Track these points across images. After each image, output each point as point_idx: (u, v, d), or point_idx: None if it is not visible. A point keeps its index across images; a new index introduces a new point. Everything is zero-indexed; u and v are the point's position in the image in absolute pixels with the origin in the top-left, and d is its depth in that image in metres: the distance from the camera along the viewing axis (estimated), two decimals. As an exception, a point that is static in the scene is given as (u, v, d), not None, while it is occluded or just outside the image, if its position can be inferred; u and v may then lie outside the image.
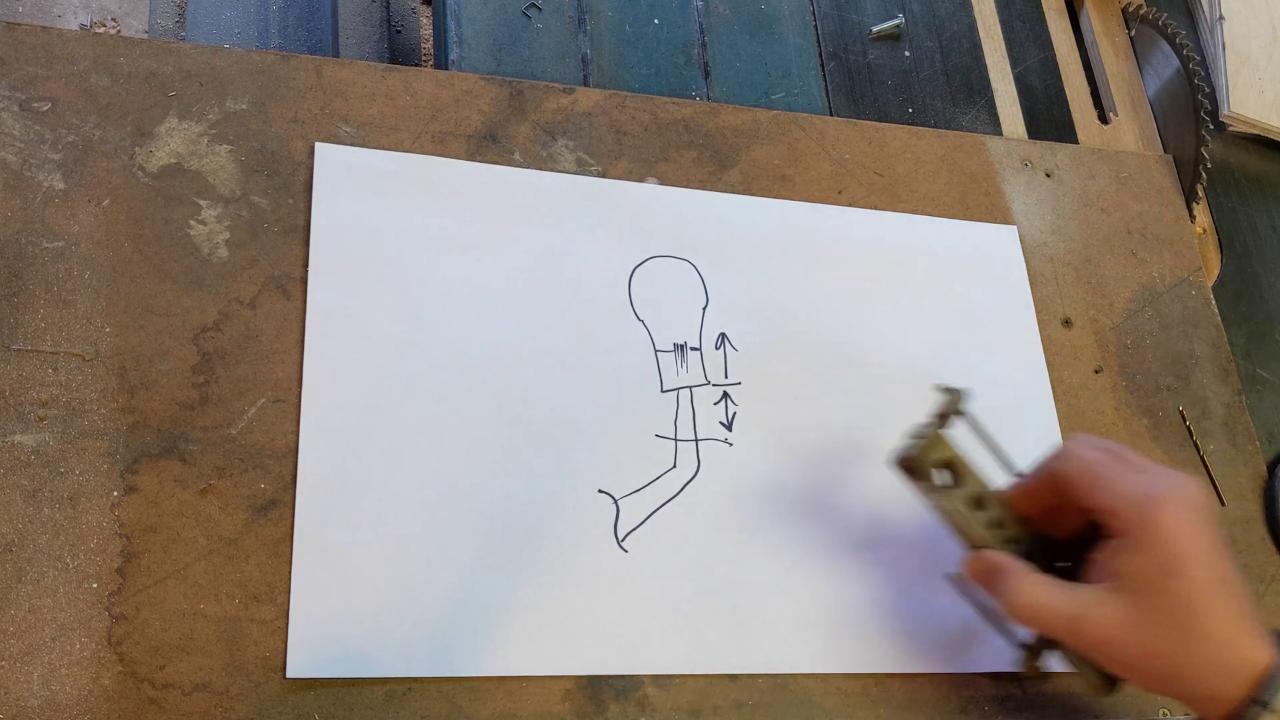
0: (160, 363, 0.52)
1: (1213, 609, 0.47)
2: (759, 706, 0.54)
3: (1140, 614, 0.48)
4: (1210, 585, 0.48)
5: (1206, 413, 0.69)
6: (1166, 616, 0.47)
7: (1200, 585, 0.47)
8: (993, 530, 0.53)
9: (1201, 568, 0.48)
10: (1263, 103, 0.80)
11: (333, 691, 0.49)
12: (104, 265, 0.53)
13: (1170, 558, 0.48)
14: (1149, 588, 0.48)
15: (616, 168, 0.63)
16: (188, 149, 0.56)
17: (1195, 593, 0.47)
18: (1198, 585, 0.47)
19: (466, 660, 0.51)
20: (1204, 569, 0.48)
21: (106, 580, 0.48)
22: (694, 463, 0.58)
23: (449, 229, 0.59)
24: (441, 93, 0.62)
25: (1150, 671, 0.49)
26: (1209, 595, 0.47)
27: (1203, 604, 0.47)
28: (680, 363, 0.60)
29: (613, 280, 0.61)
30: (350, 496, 0.52)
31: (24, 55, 0.56)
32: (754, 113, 0.68)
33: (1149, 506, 0.48)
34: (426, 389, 0.55)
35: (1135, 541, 0.48)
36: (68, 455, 0.50)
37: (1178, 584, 0.47)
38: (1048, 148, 0.74)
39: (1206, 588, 0.47)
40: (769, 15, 0.73)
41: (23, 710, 0.45)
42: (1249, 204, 0.79)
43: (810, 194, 0.66)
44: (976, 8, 0.78)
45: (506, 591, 0.53)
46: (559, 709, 0.51)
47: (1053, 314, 0.69)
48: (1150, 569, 0.48)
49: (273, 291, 0.55)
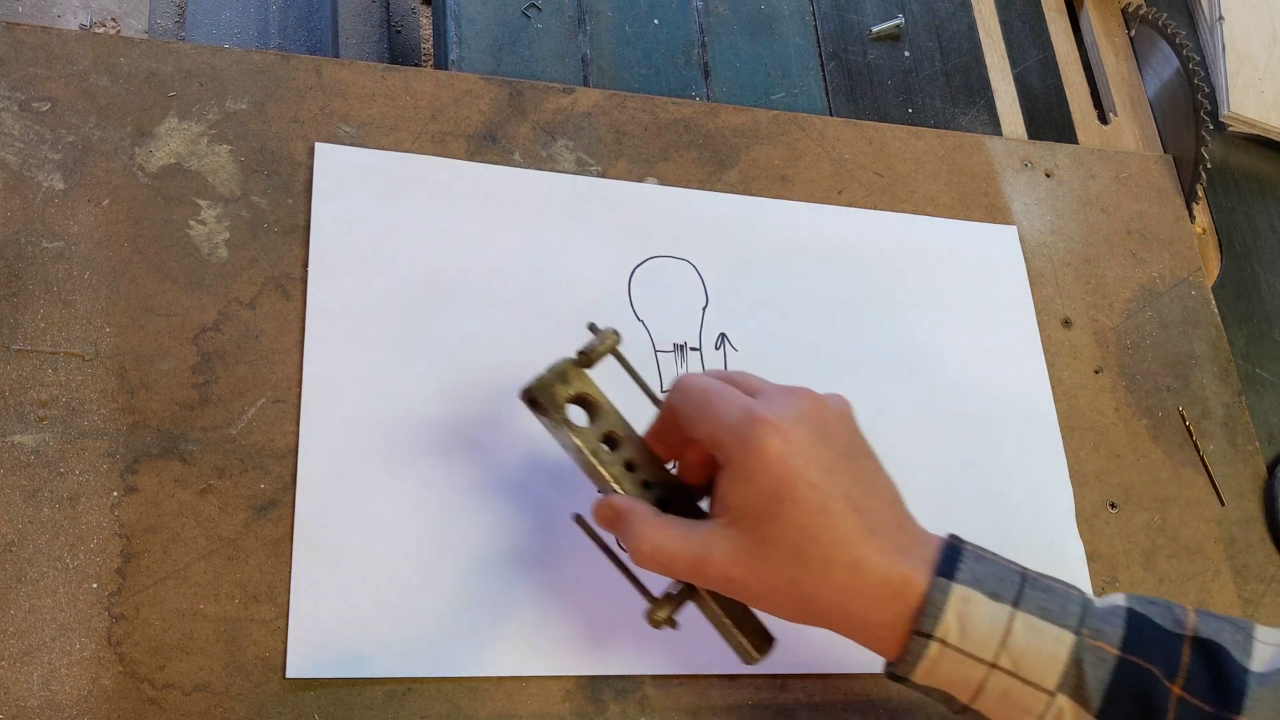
0: (160, 363, 0.52)
1: (830, 531, 0.43)
2: (759, 706, 0.54)
3: (753, 545, 0.44)
4: (825, 505, 0.44)
5: (1206, 413, 0.69)
6: (780, 546, 0.44)
7: (812, 506, 0.44)
8: (626, 472, 0.50)
9: (811, 488, 0.44)
10: (1262, 103, 0.80)
11: (333, 691, 0.49)
12: (104, 265, 0.53)
13: (775, 481, 0.44)
14: (758, 516, 0.44)
15: (616, 168, 0.63)
16: (188, 149, 0.56)
17: (806, 515, 0.43)
18: (810, 507, 0.43)
19: (466, 660, 0.51)
20: (815, 489, 0.44)
21: (106, 580, 0.48)
22: (694, 463, 0.58)
23: (449, 229, 0.59)
24: (441, 93, 0.62)
25: (785, 605, 0.45)
26: (824, 516, 0.44)
27: (817, 527, 0.44)
28: (680, 363, 0.60)
29: (613, 280, 0.61)
30: (350, 496, 0.52)
31: (24, 55, 0.56)
32: (754, 113, 0.68)
33: (749, 429, 0.44)
34: (426, 389, 0.55)
35: (740, 470, 0.45)
36: (68, 455, 0.50)
37: (785, 509, 0.44)
38: (1048, 148, 0.74)
39: (820, 508, 0.44)
40: (769, 15, 0.73)
41: (23, 710, 0.45)
42: (1249, 204, 0.79)
43: (810, 194, 0.66)
44: (976, 8, 0.78)
45: (506, 591, 0.53)
46: (559, 709, 0.51)
47: (1053, 314, 0.69)
48: (757, 497, 0.44)
49: (273, 291, 0.55)
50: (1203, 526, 0.66)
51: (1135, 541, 0.64)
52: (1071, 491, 0.64)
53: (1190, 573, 0.64)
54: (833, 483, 0.45)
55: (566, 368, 0.51)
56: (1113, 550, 0.63)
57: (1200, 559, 0.65)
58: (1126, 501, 0.65)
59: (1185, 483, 0.67)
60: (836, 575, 0.44)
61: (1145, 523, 0.65)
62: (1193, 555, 0.65)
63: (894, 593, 0.44)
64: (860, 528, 0.44)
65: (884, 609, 0.44)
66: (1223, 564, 0.65)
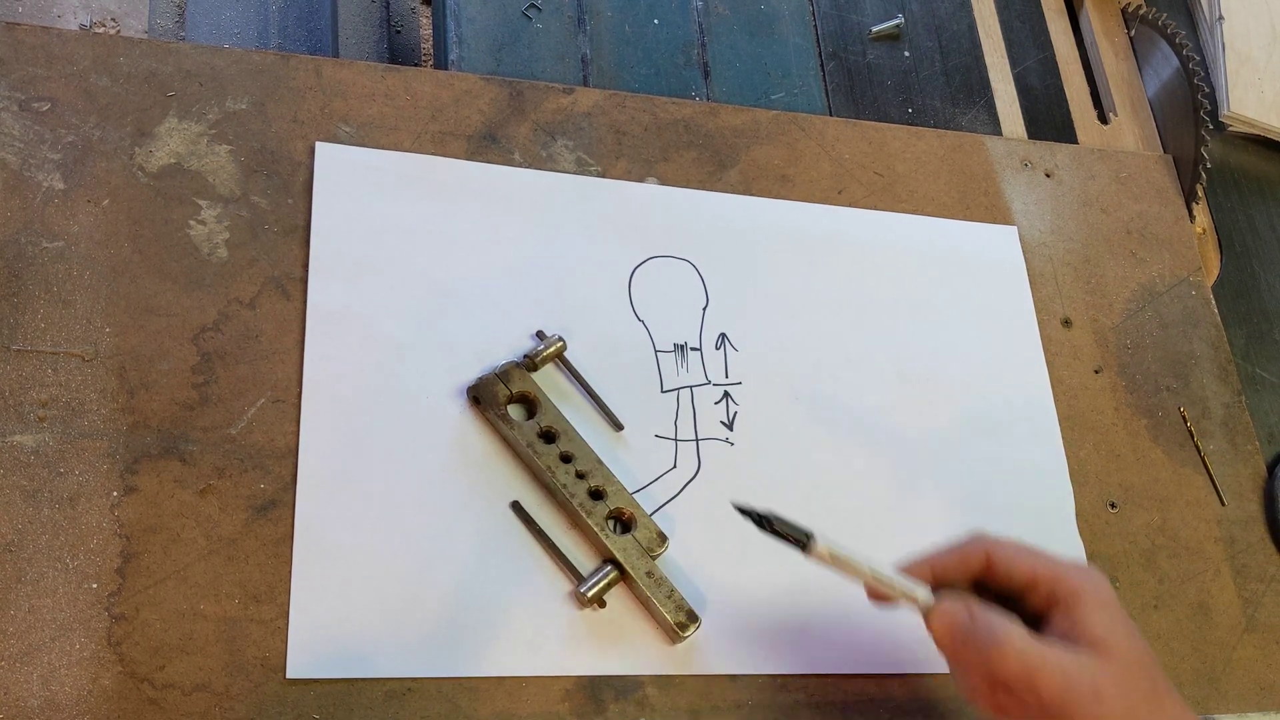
0: (160, 363, 0.52)
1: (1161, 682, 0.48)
2: (759, 706, 0.54)
3: (1121, 670, 0.47)
4: (1145, 660, 0.48)
5: (1206, 413, 0.69)
6: (1136, 678, 0.47)
7: (1146, 657, 0.48)
8: (560, 463, 0.54)
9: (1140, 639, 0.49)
10: (1262, 103, 0.80)
11: (333, 691, 0.49)
12: (104, 265, 0.53)
13: (1122, 617, 0.48)
14: (1122, 642, 0.48)
15: (616, 168, 0.63)
16: (187, 149, 0.56)
17: (1148, 658, 0.48)
18: (1145, 656, 0.48)
19: (466, 660, 0.51)
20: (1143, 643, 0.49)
21: (106, 580, 0.48)
22: (694, 462, 0.58)
23: (449, 229, 0.59)
24: (441, 93, 0.62)
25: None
26: (1151, 670, 0.48)
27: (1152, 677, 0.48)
28: (680, 363, 0.60)
29: (613, 280, 0.61)
30: (350, 496, 0.52)
31: (24, 55, 0.56)
32: (754, 113, 0.68)
33: (1090, 570, 0.50)
34: (426, 389, 0.55)
35: (1093, 600, 0.48)
36: (68, 455, 0.49)
37: (1136, 645, 0.48)
38: (1047, 148, 0.74)
39: (1145, 662, 0.48)
40: (769, 15, 0.73)
41: (23, 710, 0.45)
42: (1249, 204, 0.79)
43: (810, 194, 0.66)
44: (976, 8, 0.78)
45: (506, 591, 0.53)
46: (559, 709, 0.51)
47: (1052, 314, 0.69)
48: (1115, 626, 0.48)
49: (272, 291, 0.55)
50: (1203, 526, 0.66)
51: (1135, 541, 0.64)
52: (1071, 491, 0.64)
53: (1190, 572, 0.64)
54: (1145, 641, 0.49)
55: (510, 369, 0.55)
56: (1113, 550, 0.63)
57: (1200, 559, 0.65)
58: (1126, 501, 0.65)
59: (1185, 483, 0.67)
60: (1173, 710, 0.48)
61: (1145, 523, 0.65)
62: (1193, 555, 0.65)
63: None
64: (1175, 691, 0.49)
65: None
66: (1223, 564, 0.65)
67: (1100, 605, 0.48)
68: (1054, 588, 0.49)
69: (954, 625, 0.48)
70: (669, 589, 0.53)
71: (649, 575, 0.53)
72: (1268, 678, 0.63)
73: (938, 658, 0.58)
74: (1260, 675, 0.63)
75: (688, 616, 0.53)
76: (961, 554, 0.51)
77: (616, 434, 0.57)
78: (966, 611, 0.48)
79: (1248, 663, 0.63)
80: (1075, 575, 0.49)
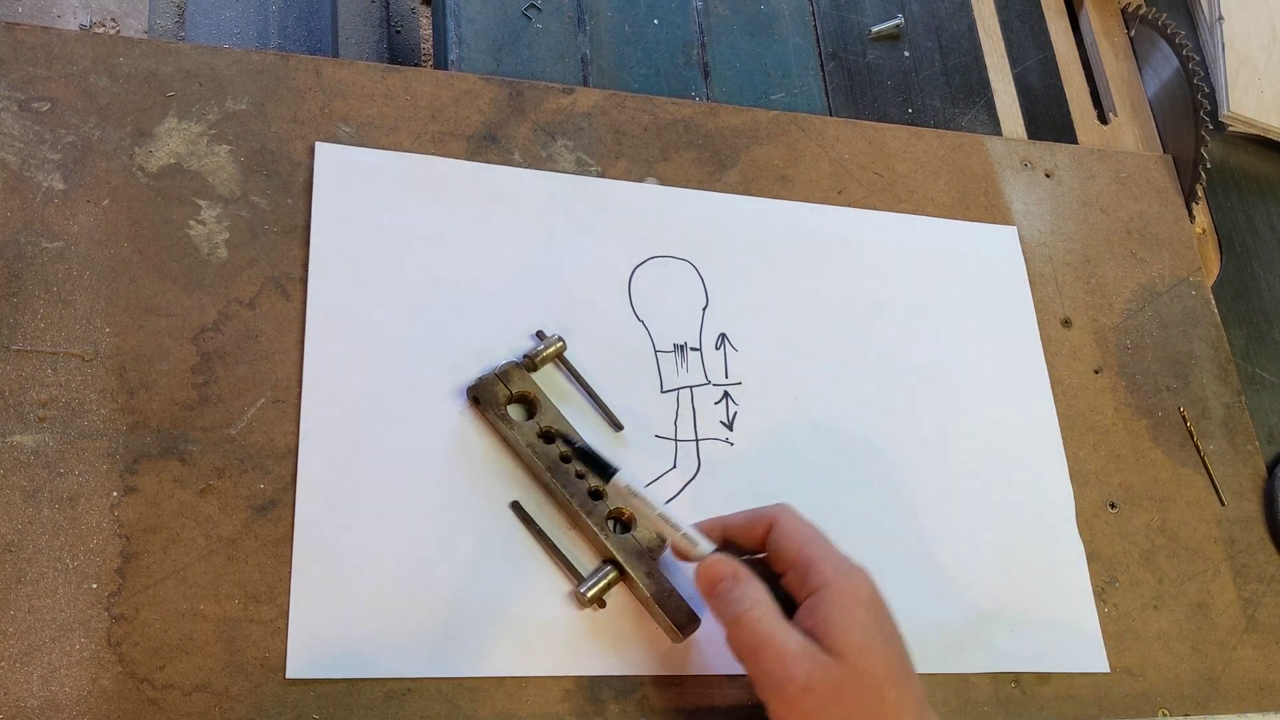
0: (160, 363, 0.52)
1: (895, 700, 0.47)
2: (759, 706, 0.54)
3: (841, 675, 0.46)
4: (891, 672, 0.47)
5: (1206, 413, 0.69)
6: (859, 694, 0.46)
7: (892, 671, 0.47)
8: (560, 464, 0.54)
9: (886, 647, 0.48)
10: (1262, 103, 0.80)
11: (332, 692, 0.49)
12: (103, 265, 0.53)
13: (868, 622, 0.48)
14: (855, 650, 0.47)
15: (616, 168, 0.63)
16: (187, 149, 0.56)
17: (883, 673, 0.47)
18: (886, 671, 0.47)
19: (466, 660, 0.51)
20: (891, 651, 0.48)
21: (106, 580, 0.48)
22: (694, 463, 0.58)
23: (449, 229, 0.59)
24: (441, 93, 0.62)
25: None
26: (891, 687, 0.47)
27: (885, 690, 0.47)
28: (680, 363, 0.60)
29: (613, 280, 0.61)
30: (350, 496, 0.52)
31: (24, 55, 0.55)
32: (754, 113, 0.68)
33: (852, 568, 0.49)
34: (426, 389, 0.55)
35: (838, 597, 0.48)
36: (67, 455, 0.49)
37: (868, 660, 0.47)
38: (1047, 148, 0.74)
39: (888, 675, 0.47)
40: (769, 15, 0.73)
41: (22, 710, 0.45)
42: (1248, 204, 0.79)
43: (810, 194, 0.66)
44: (976, 8, 0.78)
45: (506, 591, 0.53)
46: (559, 709, 0.51)
47: (1052, 314, 0.69)
48: (853, 629, 0.47)
49: (272, 291, 0.55)
50: (1203, 526, 0.66)
51: (1135, 541, 0.64)
52: (1071, 491, 0.64)
53: (1190, 573, 0.64)
54: (896, 653, 0.48)
55: (509, 369, 0.55)
56: (1113, 550, 0.63)
57: (1200, 559, 0.65)
58: (1126, 501, 0.65)
59: (1185, 483, 0.67)
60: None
61: (1145, 523, 0.65)
62: (1193, 555, 0.65)
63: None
64: (913, 706, 0.47)
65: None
66: (1223, 564, 0.65)
67: (846, 605, 0.47)
68: (807, 575, 0.49)
69: (713, 581, 0.50)
70: (669, 589, 0.53)
71: (649, 575, 0.53)
72: (1267, 678, 0.63)
73: (936, 657, 0.58)
74: (1260, 675, 0.63)
75: (688, 616, 0.53)
76: (751, 521, 0.52)
77: (616, 434, 0.57)
78: (730, 571, 0.49)
79: (1247, 663, 0.63)
80: (829, 568, 0.48)
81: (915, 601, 0.58)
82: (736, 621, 0.48)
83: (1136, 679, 0.60)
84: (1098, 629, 0.61)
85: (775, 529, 0.51)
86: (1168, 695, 0.61)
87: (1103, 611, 0.61)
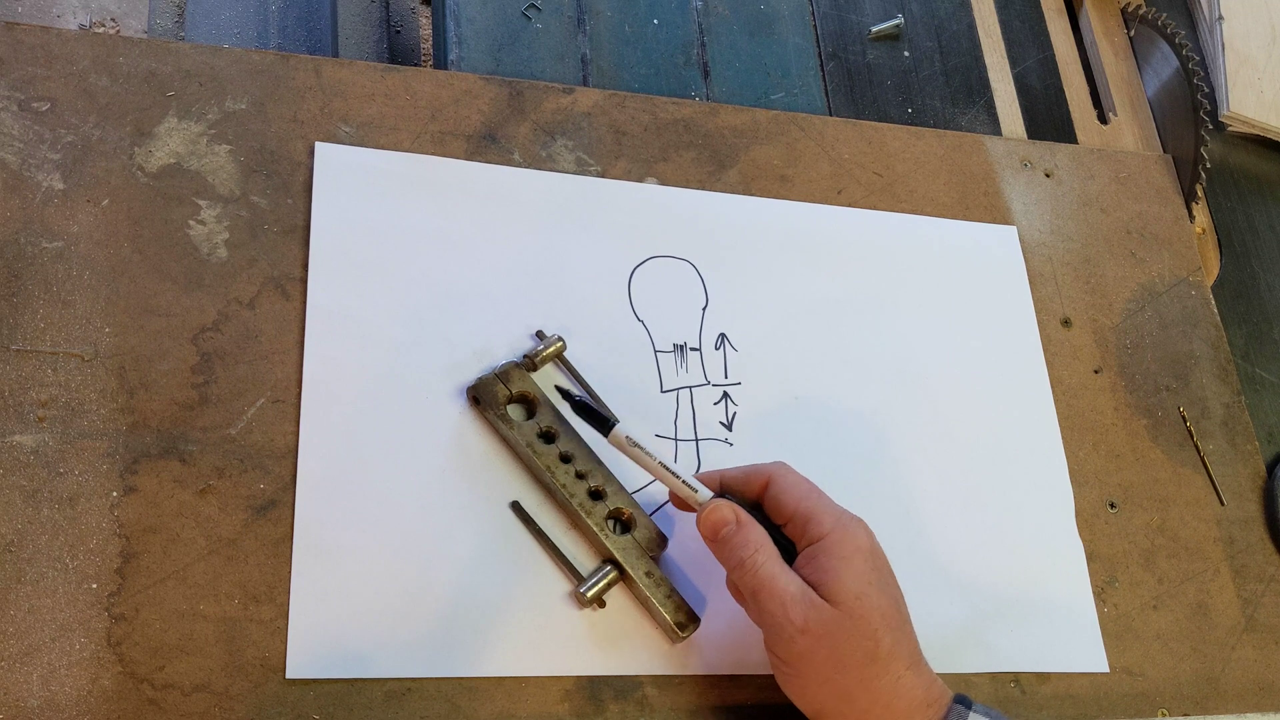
0: (160, 363, 0.52)
1: (888, 647, 0.48)
2: (759, 706, 0.54)
3: (835, 620, 0.48)
4: (888, 619, 0.49)
5: (1206, 413, 0.69)
6: (852, 641, 0.48)
7: (888, 619, 0.49)
8: (560, 463, 0.54)
9: (882, 594, 0.49)
10: (1262, 103, 0.80)
11: (332, 692, 0.49)
12: (103, 265, 0.53)
13: (865, 571, 0.49)
14: (851, 597, 0.48)
15: (616, 168, 0.63)
16: (187, 149, 0.56)
17: (879, 620, 0.48)
18: (883, 619, 0.48)
19: (466, 660, 0.51)
20: (886, 598, 0.49)
21: (106, 580, 0.48)
22: (694, 462, 0.58)
23: (449, 229, 0.59)
24: (441, 93, 0.62)
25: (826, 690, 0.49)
26: (886, 632, 0.48)
27: (880, 637, 0.48)
28: (680, 363, 0.60)
29: (612, 280, 0.61)
30: (350, 496, 0.52)
31: (23, 55, 0.55)
32: (753, 113, 0.68)
33: (850, 519, 0.50)
34: (426, 389, 0.55)
35: (836, 548, 0.49)
36: (67, 455, 0.49)
37: (864, 607, 0.48)
38: (1047, 148, 0.74)
39: (884, 622, 0.48)
40: (768, 15, 0.73)
41: (22, 710, 0.45)
42: (1248, 204, 0.79)
43: (810, 194, 0.66)
44: (976, 8, 0.78)
45: (506, 591, 0.53)
46: (559, 709, 0.51)
47: (1052, 314, 0.69)
48: (851, 578, 0.48)
49: (272, 292, 0.55)
50: (1202, 526, 0.66)
51: (1135, 541, 0.64)
52: (1071, 491, 0.64)
53: (1190, 573, 0.64)
54: (893, 601, 0.50)
55: (509, 369, 0.55)
56: (1112, 550, 0.63)
57: (1200, 559, 0.65)
58: (1126, 501, 0.65)
59: (1185, 483, 0.67)
60: (883, 684, 0.48)
61: (1145, 523, 0.65)
62: (1192, 555, 0.65)
63: (931, 703, 0.49)
64: (907, 654, 0.49)
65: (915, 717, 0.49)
66: (1222, 564, 0.65)
67: (845, 554, 0.49)
68: (807, 526, 0.50)
69: (716, 525, 0.51)
70: (668, 589, 0.53)
71: (648, 575, 0.53)
72: (1267, 678, 0.63)
73: (936, 656, 0.58)
74: (1259, 675, 0.63)
75: (687, 616, 0.53)
76: (748, 475, 0.53)
77: (616, 434, 0.57)
78: (733, 516, 0.51)
79: (1247, 663, 0.63)
80: (829, 519, 0.50)
81: (915, 601, 0.58)
82: (740, 565, 0.50)
83: (1136, 679, 0.61)
84: (1097, 629, 0.61)
85: (773, 484, 0.52)
86: (1167, 695, 0.61)
87: (1102, 611, 0.61)
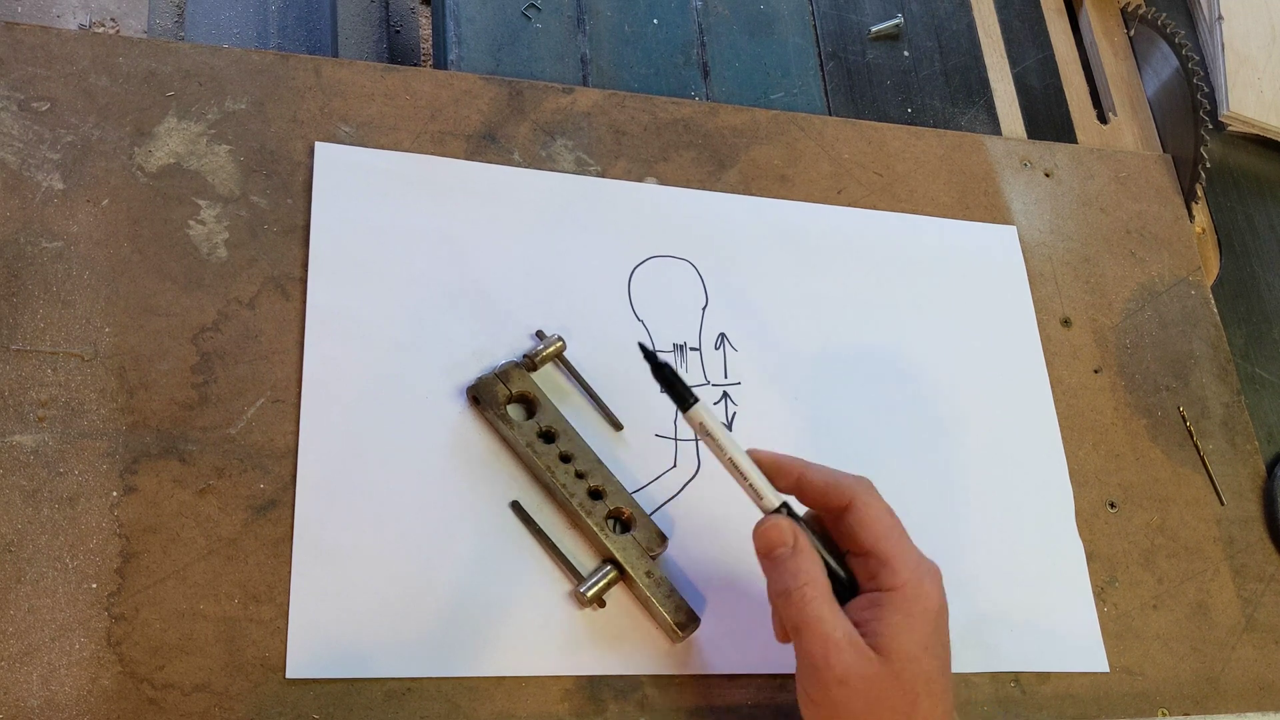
0: (159, 363, 0.52)
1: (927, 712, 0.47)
2: (759, 706, 0.54)
3: (880, 678, 0.46)
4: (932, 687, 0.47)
5: (1205, 412, 0.69)
6: (894, 698, 0.46)
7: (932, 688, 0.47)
8: (560, 463, 0.54)
9: (935, 661, 0.47)
10: (1262, 103, 0.80)
11: (332, 691, 0.49)
12: (103, 265, 0.53)
13: (925, 637, 0.47)
14: (902, 657, 0.46)
15: (616, 168, 0.63)
16: (187, 149, 0.56)
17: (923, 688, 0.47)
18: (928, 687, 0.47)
19: (466, 660, 0.51)
20: (937, 666, 0.47)
21: (106, 580, 0.48)
22: (694, 462, 0.58)
23: (449, 229, 0.59)
24: (441, 93, 0.62)
25: None
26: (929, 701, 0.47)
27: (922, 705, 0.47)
28: (680, 363, 0.60)
29: (612, 280, 0.61)
30: (350, 496, 0.52)
31: (23, 55, 0.55)
32: (753, 113, 0.68)
33: (928, 573, 0.48)
34: (426, 389, 0.55)
35: (904, 603, 0.47)
36: (67, 455, 0.49)
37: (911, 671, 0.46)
38: (1047, 148, 0.74)
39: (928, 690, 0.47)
40: (768, 15, 0.73)
41: (22, 710, 0.45)
42: (1248, 204, 0.79)
43: (809, 194, 0.66)
44: (976, 8, 0.78)
45: (506, 591, 0.53)
46: (559, 709, 0.51)
47: (1052, 314, 0.69)
48: (909, 639, 0.47)
49: (272, 291, 0.55)
50: (1202, 526, 0.66)
51: (1135, 541, 0.64)
52: (1071, 491, 0.64)
53: (1189, 572, 0.64)
54: (941, 666, 0.48)
55: (509, 369, 0.55)
56: (1112, 550, 0.63)
57: (1200, 559, 0.65)
58: (1126, 501, 0.65)
59: (1185, 482, 0.67)
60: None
61: (1145, 522, 0.65)
62: (1192, 555, 0.65)
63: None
64: (944, 717, 0.47)
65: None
66: (1222, 564, 0.65)
67: (912, 614, 0.47)
68: (880, 571, 0.48)
69: (773, 543, 0.49)
70: (668, 589, 0.53)
71: (648, 575, 0.53)
72: (1267, 678, 0.63)
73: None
74: (1259, 675, 0.63)
75: (687, 616, 0.53)
76: (828, 488, 0.50)
77: (616, 434, 0.57)
78: (792, 538, 0.48)
79: (1247, 663, 0.63)
80: (905, 572, 0.48)
81: (915, 601, 0.58)
82: (786, 595, 0.47)
83: (1136, 679, 0.61)
84: (1097, 628, 0.61)
85: (854, 511, 0.49)
86: (1167, 695, 0.61)
87: (1102, 611, 0.61)
